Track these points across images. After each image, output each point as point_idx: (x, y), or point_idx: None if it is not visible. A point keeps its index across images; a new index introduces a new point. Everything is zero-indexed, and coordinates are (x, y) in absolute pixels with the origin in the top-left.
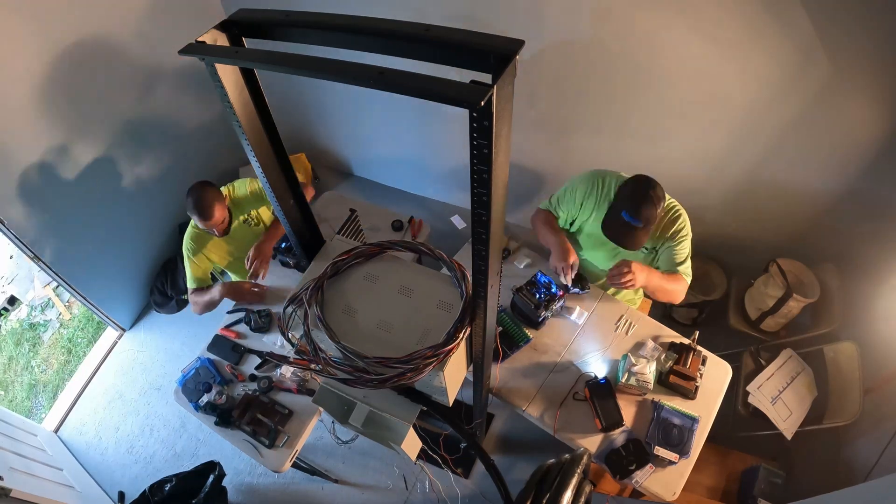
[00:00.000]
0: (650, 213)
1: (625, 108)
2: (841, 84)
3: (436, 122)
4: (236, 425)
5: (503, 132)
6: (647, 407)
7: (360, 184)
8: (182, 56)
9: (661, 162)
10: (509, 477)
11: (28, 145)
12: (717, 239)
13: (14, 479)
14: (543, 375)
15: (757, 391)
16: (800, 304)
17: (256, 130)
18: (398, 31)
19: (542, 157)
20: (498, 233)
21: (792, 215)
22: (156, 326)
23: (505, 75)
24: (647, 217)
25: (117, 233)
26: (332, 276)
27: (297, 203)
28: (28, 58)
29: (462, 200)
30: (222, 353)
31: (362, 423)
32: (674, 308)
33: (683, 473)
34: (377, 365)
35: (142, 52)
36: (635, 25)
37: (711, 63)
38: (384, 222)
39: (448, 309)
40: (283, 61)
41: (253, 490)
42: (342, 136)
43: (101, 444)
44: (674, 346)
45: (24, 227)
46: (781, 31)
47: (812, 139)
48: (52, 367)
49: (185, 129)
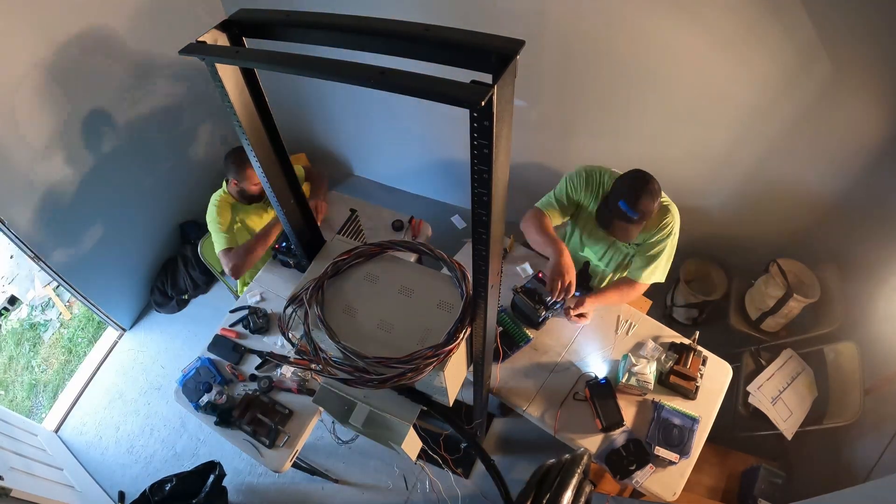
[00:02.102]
0: (648, 205)
1: (625, 109)
2: (842, 84)
3: (436, 122)
4: (236, 425)
5: (504, 132)
6: (648, 407)
7: (360, 184)
8: (183, 56)
9: (662, 162)
10: (509, 477)
11: (28, 145)
12: (718, 239)
13: (14, 478)
14: (544, 375)
15: (757, 391)
16: (800, 305)
17: (257, 130)
18: (398, 30)
19: (543, 157)
20: (498, 233)
21: (792, 215)
22: (156, 326)
23: (506, 75)
24: (645, 210)
25: (118, 232)
26: (332, 276)
27: (298, 203)
28: (29, 59)
29: (462, 200)
30: (223, 353)
31: (362, 423)
32: (674, 308)
33: (684, 473)
34: (377, 365)
35: (142, 51)
36: (636, 26)
37: (712, 63)
38: (384, 222)
39: (448, 309)
40: (283, 61)
41: (253, 490)
42: (342, 136)
43: (102, 444)
44: (674, 346)
45: (25, 226)
46: (782, 31)
47: (813, 139)
48: (53, 366)
49: (186, 128)
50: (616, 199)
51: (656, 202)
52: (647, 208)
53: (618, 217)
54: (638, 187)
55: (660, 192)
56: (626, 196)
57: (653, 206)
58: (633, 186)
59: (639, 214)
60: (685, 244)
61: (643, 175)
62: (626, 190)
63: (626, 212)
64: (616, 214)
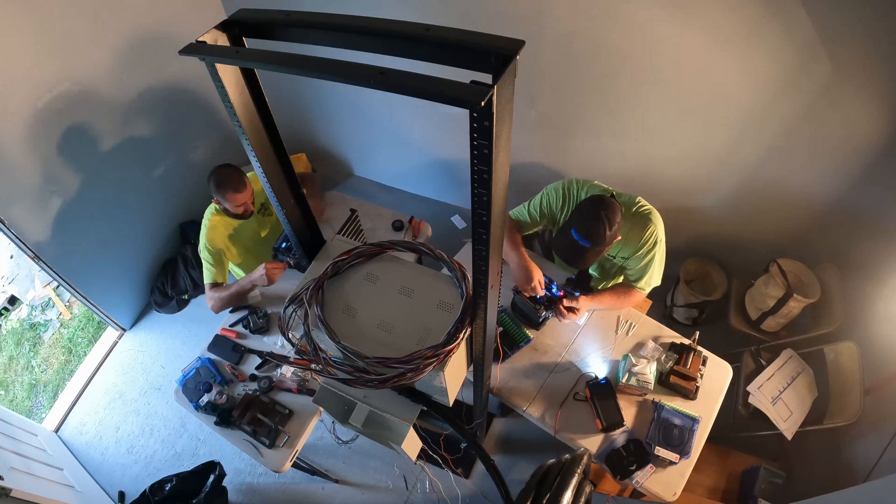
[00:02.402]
0: (599, 233)
1: (625, 109)
2: (842, 84)
3: (436, 122)
4: (237, 425)
5: (503, 132)
6: (648, 407)
7: (360, 184)
8: (182, 56)
9: (662, 162)
10: (509, 477)
11: (28, 145)
12: (718, 239)
13: (14, 478)
14: (544, 376)
15: (757, 391)
16: (800, 305)
17: (257, 130)
18: (398, 30)
19: (543, 157)
20: (498, 233)
21: (792, 215)
22: (156, 326)
23: (505, 75)
24: (596, 237)
25: (118, 232)
26: (332, 276)
27: (298, 203)
28: (28, 58)
29: (462, 200)
30: (223, 353)
31: (363, 423)
32: (674, 308)
33: (684, 474)
34: (377, 365)
35: (142, 51)
36: (636, 25)
37: (712, 63)
38: (384, 222)
39: (448, 309)
40: (283, 61)
41: (253, 490)
42: (342, 136)
43: (102, 444)
44: (674, 346)
45: (25, 226)
46: (782, 31)
47: (813, 139)
48: (53, 366)
49: (186, 128)
50: (568, 228)
51: (612, 228)
52: (598, 236)
53: (571, 245)
54: (590, 215)
55: (617, 219)
56: (576, 225)
57: (606, 233)
58: (585, 214)
59: (590, 242)
60: (685, 244)
61: (599, 201)
62: (577, 218)
63: (578, 240)
64: (569, 243)
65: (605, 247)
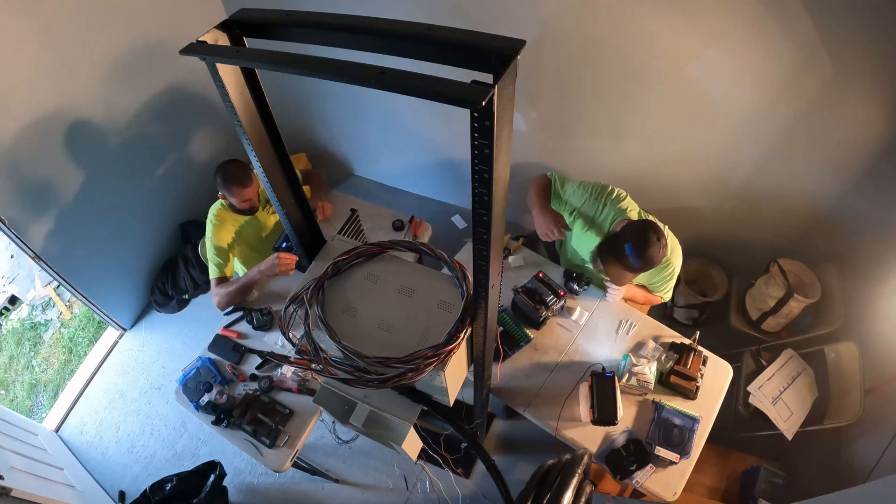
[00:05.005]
0: (653, 257)
1: (625, 109)
2: (842, 85)
3: (437, 121)
4: (237, 425)
5: (504, 132)
6: (648, 407)
7: (360, 184)
8: (183, 56)
9: (662, 162)
10: (510, 477)
11: (29, 145)
12: (718, 239)
13: (15, 478)
14: (544, 375)
15: (758, 391)
16: (801, 305)
17: (257, 130)
18: (399, 30)
19: (543, 157)
20: (499, 233)
21: (793, 215)
22: (157, 326)
23: (506, 75)
24: (649, 261)
25: (118, 232)
26: (332, 276)
27: (298, 203)
28: (30, 60)
29: (463, 200)
30: (223, 353)
31: (363, 423)
32: (674, 308)
33: (684, 474)
34: (378, 365)
35: (142, 51)
36: (637, 25)
37: (712, 63)
38: (385, 222)
39: (449, 309)
40: (283, 61)
41: (254, 490)
42: (343, 135)
43: (102, 444)
44: (674, 346)
45: (26, 226)
46: (782, 31)
47: (813, 139)
48: (53, 366)
49: (187, 128)
50: (622, 243)
51: (663, 257)
52: (652, 260)
53: (622, 259)
54: (649, 239)
55: (666, 247)
56: (634, 242)
57: (657, 260)
58: (645, 236)
59: (641, 263)
60: (685, 244)
61: (655, 227)
62: (635, 237)
63: (630, 257)
64: (620, 256)
65: (645, 270)
